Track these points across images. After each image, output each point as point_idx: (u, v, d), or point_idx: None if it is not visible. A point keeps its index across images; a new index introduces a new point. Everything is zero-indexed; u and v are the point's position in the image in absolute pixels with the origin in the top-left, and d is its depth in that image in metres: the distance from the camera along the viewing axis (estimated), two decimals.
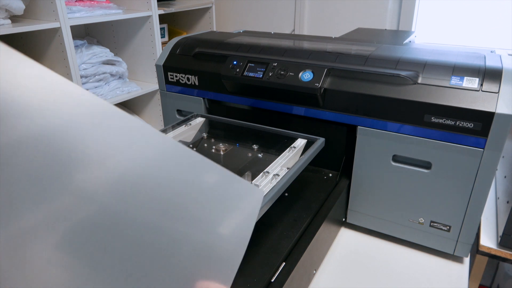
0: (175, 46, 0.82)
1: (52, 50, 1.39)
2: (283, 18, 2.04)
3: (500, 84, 0.55)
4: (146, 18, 1.68)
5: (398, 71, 0.61)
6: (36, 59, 1.47)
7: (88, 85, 1.54)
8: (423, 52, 0.68)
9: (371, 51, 0.69)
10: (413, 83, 0.60)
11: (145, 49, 1.76)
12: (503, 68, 0.57)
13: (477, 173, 0.57)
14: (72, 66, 1.39)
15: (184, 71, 0.79)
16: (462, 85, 0.57)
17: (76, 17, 1.41)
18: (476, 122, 0.55)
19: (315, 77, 0.65)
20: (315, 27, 1.98)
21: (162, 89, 0.84)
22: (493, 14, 1.63)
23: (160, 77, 0.83)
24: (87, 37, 1.75)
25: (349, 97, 0.63)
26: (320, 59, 0.68)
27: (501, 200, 0.94)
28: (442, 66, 0.61)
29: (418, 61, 0.62)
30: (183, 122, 0.71)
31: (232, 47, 0.76)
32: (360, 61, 0.65)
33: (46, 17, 1.33)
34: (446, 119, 0.57)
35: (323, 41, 0.81)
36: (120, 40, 1.81)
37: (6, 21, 1.24)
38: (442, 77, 0.59)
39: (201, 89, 0.79)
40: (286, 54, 0.70)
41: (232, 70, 0.72)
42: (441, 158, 0.59)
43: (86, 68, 1.52)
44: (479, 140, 0.56)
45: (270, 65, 0.69)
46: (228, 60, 0.73)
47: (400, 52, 0.68)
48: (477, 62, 0.61)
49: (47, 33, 1.35)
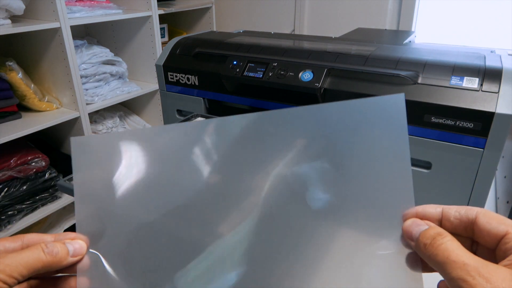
0: (175, 46, 0.82)
1: (52, 50, 1.39)
2: (283, 18, 2.04)
3: (500, 84, 0.55)
4: (146, 18, 1.68)
5: (398, 71, 0.61)
6: (36, 59, 1.48)
7: (88, 85, 1.54)
8: (423, 52, 0.68)
9: (371, 51, 0.69)
10: (413, 83, 0.60)
11: (145, 49, 1.76)
12: (503, 68, 0.57)
13: (477, 173, 0.57)
14: (72, 66, 1.39)
15: (184, 71, 0.79)
16: (462, 85, 0.57)
17: (76, 17, 1.41)
18: (476, 122, 0.55)
19: (315, 77, 0.65)
20: (315, 27, 1.98)
21: (162, 89, 0.84)
22: (493, 14, 1.63)
23: (160, 77, 0.83)
24: (87, 37, 1.75)
25: (349, 97, 0.63)
26: (320, 59, 0.68)
27: (501, 200, 0.94)
28: (442, 66, 0.61)
29: (418, 61, 0.62)
30: (183, 122, 0.71)
31: (232, 47, 0.76)
32: (360, 61, 0.65)
33: (46, 17, 1.33)
34: (446, 119, 0.57)
35: (323, 41, 0.81)
36: (120, 40, 1.81)
37: (6, 21, 1.24)
38: (442, 77, 0.59)
39: (201, 89, 0.79)
40: (286, 54, 0.70)
41: (232, 70, 0.72)
42: (441, 158, 0.59)
43: (86, 68, 1.51)
44: (479, 140, 0.56)
45: (270, 65, 0.69)
46: (228, 60, 0.73)
47: (400, 52, 0.68)
48: (477, 62, 0.61)
49: (47, 33, 1.35)
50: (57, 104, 1.47)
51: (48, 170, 1.44)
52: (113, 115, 1.78)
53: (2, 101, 1.32)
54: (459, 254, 0.24)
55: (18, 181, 1.36)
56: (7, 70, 1.32)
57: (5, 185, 1.33)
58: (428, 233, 0.27)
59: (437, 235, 0.26)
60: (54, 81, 1.46)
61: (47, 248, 0.26)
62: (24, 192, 1.37)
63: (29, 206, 1.40)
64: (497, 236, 0.25)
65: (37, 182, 1.41)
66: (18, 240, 0.27)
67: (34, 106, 1.41)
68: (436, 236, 0.26)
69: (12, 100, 1.35)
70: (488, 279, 0.22)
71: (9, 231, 1.34)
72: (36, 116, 1.41)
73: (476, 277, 0.22)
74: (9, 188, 1.33)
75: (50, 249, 0.26)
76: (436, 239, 0.26)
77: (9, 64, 1.33)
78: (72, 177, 0.69)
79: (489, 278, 0.22)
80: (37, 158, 1.39)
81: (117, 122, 1.78)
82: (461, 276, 0.23)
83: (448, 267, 0.24)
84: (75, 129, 1.51)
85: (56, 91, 1.49)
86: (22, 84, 1.36)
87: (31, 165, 1.37)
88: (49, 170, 1.45)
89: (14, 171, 1.33)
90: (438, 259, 0.25)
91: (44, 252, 0.25)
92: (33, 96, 1.40)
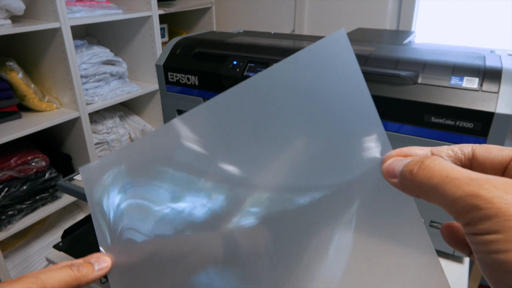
0: (175, 46, 0.82)
1: (52, 50, 1.39)
2: (283, 18, 2.04)
3: (500, 84, 0.55)
4: (146, 18, 1.68)
5: (398, 71, 0.61)
6: (36, 59, 1.48)
7: (88, 85, 1.54)
8: (423, 52, 0.68)
9: (371, 51, 0.69)
10: (413, 83, 0.60)
11: (145, 49, 1.76)
12: (503, 68, 0.57)
13: None
14: (72, 66, 1.39)
15: (184, 71, 0.79)
16: (462, 85, 0.57)
17: (76, 17, 1.41)
18: (476, 122, 0.55)
19: None
20: (315, 27, 1.98)
21: (162, 89, 0.84)
22: (493, 14, 1.63)
23: (160, 77, 0.83)
24: (87, 37, 1.75)
25: None
26: None
27: None
28: (442, 66, 0.61)
29: (418, 61, 0.62)
30: None
31: (232, 47, 0.76)
32: (360, 61, 0.65)
33: (46, 17, 1.33)
34: (446, 119, 0.57)
35: None
36: (120, 40, 1.81)
37: (6, 21, 1.24)
38: (442, 77, 0.59)
39: (201, 89, 0.79)
40: (286, 54, 0.70)
41: (232, 70, 0.72)
42: None
43: (86, 68, 1.52)
44: (479, 140, 0.56)
45: (270, 65, 0.68)
46: (228, 60, 0.73)
47: (400, 52, 0.68)
48: (477, 62, 0.61)
49: (47, 33, 1.35)
50: (57, 104, 1.47)
51: (48, 170, 1.44)
52: (113, 115, 1.78)
53: (2, 101, 1.32)
54: (460, 171, 0.19)
55: (18, 181, 1.36)
56: (7, 70, 1.32)
57: (5, 185, 1.33)
58: (413, 160, 0.22)
59: (426, 158, 0.21)
60: (54, 81, 1.46)
61: (73, 266, 0.30)
62: (24, 192, 1.37)
63: (29, 206, 1.41)
64: (502, 164, 0.21)
65: (37, 182, 1.41)
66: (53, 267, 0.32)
67: (34, 106, 1.41)
68: (424, 160, 0.21)
69: (12, 100, 1.35)
70: (508, 191, 0.17)
71: (9, 231, 1.34)
72: (36, 116, 1.41)
73: (491, 189, 0.17)
74: (9, 188, 1.33)
75: (77, 266, 0.30)
76: (425, 161, 0.21)
77: (9, 64, 1.33)
78: (74, 179, 0.69)
79: (508, 190, 0.17)
80: (37, 158, 1.39)
81: (117, 122, 1.78)
82: (472, 192, 0.18)
83: (450, 187, 0.19)
84: (75, 129, 1.51)
85: (56, 91, 1.49)
86: (22, 84, 1.36)
87: (31, 165, 1.38)
88: (49, 170, 1.45)
89: (14, 171, 1.34)
90: (434, 181, 0.19)
91: (71, 268, 0.30)
92: (33, 96, 1.40)
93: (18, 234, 1.43)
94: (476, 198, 0.18)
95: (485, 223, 0.17)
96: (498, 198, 0.17)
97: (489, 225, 0.17)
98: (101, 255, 0.32)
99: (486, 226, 0.17)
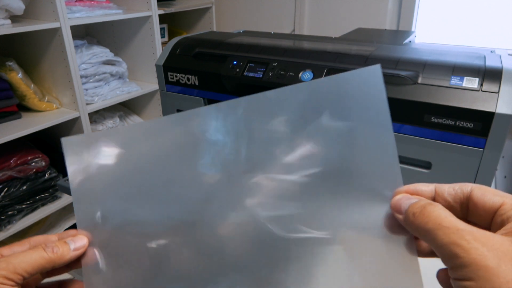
0: (175, 46, 0.82)
1: (52, 50, 1.39)
2: (283, 18, 2.04)
3: (500, 84, 0.55)
4: (146, 18, 1.68)
5: (398, 71, 0.61)
6: (36, 59, 1.48)
7: (88, 85, 1.54)
8: (423, 52, 0.68)
9: (371, 51, 0.69)
10: (413, 83, 0.60)
11: (145, 49, 1.76)
12: (503, 68, 0.57)
13: (477, 173, 0.57)
14: (72, 66, 1.39)
15: (184, 71, 0.79)
16: (462, 85, 0.57)
17: (76, 17, 1.41)
18: (476, 122, 0.55)
19: (315, 77, 0.65)
20: (315, 27, 1.98)
21: (162, 89, 0.84)
22: (493, 14, 1.63)
23: (160, 77, 0.83)
24: (87, 37, 1.75)
25: None
26: (320, 59, 0.68)
27: None
28: (442, 66, 0.61)
29: (418, 61, 0.62)
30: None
31: (232, 47, 0.76)
32: (360, 61, 0.65)
33: (46, 17, 1.33)
34: (446, 119, 0.57)
35: (323, 41, 0.81)
36: (120, 40, 1.81)
37: (6, 21, 1.24)
38: (442, 77, 0.59)
39: (201, 89, 0.79)
40: (286, 54, 0.70)
41: (232, 70, 0.72)
42: (441, 158, 0.59)
43: (86, 68, 1.51)
44: (479, 140, 0.56)
45: (270, 65, 0.69)
46: (228, 60, 0.73)
47: (400, 52, 0.68)
48: (477, 62, 0.61)
49: (47, 33, 1.35)
50: (57, 104, 1.47)
51: (48, 170, 1.44)
52: (113, 115, 1.78)
53: (2, 101, 1.32)
54: (452, 221, 0.22)
55: (18, 181, 1.36)
56: (7, 70, 1.32)
57: (5, 185, 1.33)
58: (418, 203, 0.25)
59: (428, 204, 0.24)
60: (54, 81, 1.46)
61: (47, 247, 0.28)
62: (24, 192, 1.37)
63: (29, 206, 1.40)
64: (492, 208, 0.23)
65: (37, 182, 1.41)
66: (26, 243, 0.30)
67: (34, 106, 1.41)
68: (426, 205, 0.24)
69: (12, 100, 1.35)
70: (484, 243, 0.20)
71: (9, 231, 1.34)
72: (36, 116, 1.41)
73: (471, 241, 0.20)
74: (9, 188, 1.33)
75: (51, 247, 0.29)
76: (426, 207, 0.24)
77: (9, 64, 1.33)
78: None
79: (486, 242, 0.20)
80: (37, 158, 1.39)
81: (117, 122, 1.78)
82: (455, 240, 0.21)
83: (440, 233, 0.22)
84: (75, 129, 1.51)
85: (56, 91, 1.49)
86: (22, 84, 1.36)
87: (31, 165, 1.37)
88: (49, 170, 1.45)
89: (14, 171, 1.33)
90: (429, 226, 0.23)
91: (45, 250, 0.28)
92: (33, 96, 1.40)
93: (18, 234, 1.43)
94: (458, 247, 0.21)
95: (462, 270, 0.20)
96: (475, 250, 0.20)
97: (465, 272, 0.20)
98: (77, 233, 0.31)
99: (463, 273, 0.20)
